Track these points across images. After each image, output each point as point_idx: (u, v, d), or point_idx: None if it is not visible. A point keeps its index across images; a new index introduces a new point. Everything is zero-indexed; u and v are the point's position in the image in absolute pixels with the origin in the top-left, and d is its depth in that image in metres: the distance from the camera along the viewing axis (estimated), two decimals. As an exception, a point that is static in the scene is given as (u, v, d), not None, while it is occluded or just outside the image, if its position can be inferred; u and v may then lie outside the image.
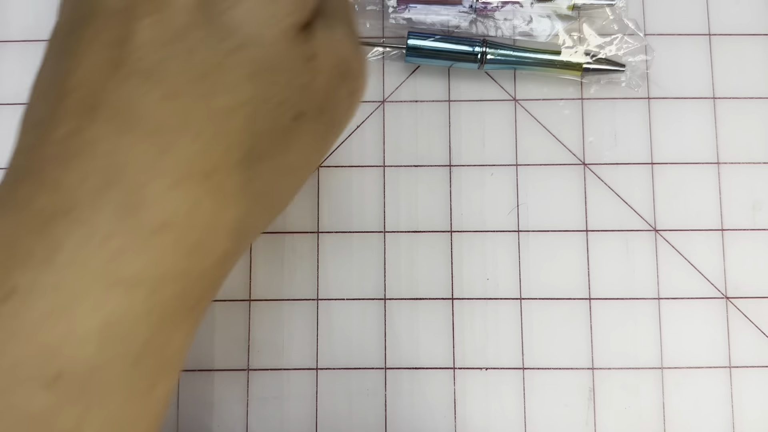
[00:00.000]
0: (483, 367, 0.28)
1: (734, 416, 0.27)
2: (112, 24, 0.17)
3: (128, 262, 0.16)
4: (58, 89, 0.17)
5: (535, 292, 0.28)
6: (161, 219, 0.16)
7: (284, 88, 0.17)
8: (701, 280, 0.28)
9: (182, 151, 0.17)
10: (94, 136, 0.17)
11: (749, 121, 0.29)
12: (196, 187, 0.17)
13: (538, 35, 0.29)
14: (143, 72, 0.17)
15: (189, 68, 0.16)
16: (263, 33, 0.17)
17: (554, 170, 0.29)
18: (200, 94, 0.17)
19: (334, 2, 0.19)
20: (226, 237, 0.18)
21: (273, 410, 0.28)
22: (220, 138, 0.17)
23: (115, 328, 0.16)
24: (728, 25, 0.30)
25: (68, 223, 0.16)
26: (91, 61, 0.17)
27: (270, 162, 0.18)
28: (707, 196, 0.29)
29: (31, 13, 0.30)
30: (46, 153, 0.17)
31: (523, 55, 0.28)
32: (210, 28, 0.17)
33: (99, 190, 0.16)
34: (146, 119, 0.16)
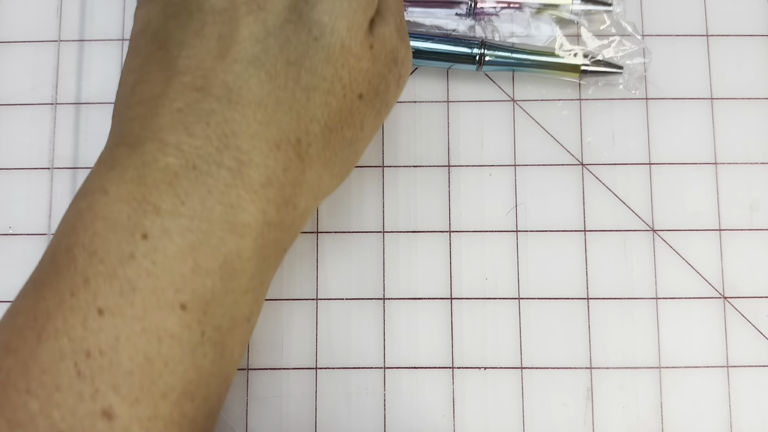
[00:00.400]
0: (482, 367, 0.28)
1: (732, 415, 0.27)
2: (217, 20, 0.20)
3: (241, 211, 0.20)
4: (167, 71, 0.21)
5: (534, 292, 0.28)
6: (265, 176, 0.20)
7: (352, 70, 0.21)
8: (699, 280, 0.28)
9: (278, 122, 0.20)
10: (209, 109, 0.20)
11: (747, 121, 0.29)
12: (290, 152, 0.21)
13: (537, 39, 0.29)
14: (246, 60, 0.20)
15: (282, 56, 0.20)
16: (339, 24, 0.21)
17: (552, 170, 0.29)
18: (291, 76, 0.20)
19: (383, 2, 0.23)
20: (309, 193, 0.22)
21: (272, 409, 0.28)
22: (306, 112, 0.21)
23: (231, 266, 0.20)
24: (726, 25, 0.30)
25: (193, 178, 0.20)
26: (198, 50, 0.20)
27: (338, 133, 0.22)
28: (705, 197, 0.29)
29: (31, 13, 0.30)
30: (164, 121, 0.20)
31: (521, 57, 0.28)
32: (299, 23, 0.20)
33: (217, 151, 0.20)
34: (250, 96, 0.20)
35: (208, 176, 0.20)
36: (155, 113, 0.20)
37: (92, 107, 0.30)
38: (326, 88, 0.21)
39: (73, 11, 0.30)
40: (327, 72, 0.21)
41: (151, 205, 0.19)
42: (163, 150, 0.20)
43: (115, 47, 0.30)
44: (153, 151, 0.20)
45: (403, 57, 0.23)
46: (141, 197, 0.20)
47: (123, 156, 0.20)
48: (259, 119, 0.20)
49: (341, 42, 0.21)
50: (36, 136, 0.29)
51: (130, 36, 0.24)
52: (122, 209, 0.20)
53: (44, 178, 0.29)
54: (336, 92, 0.21)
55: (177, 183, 0.20)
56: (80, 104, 0.30)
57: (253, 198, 0.20)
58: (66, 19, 0.30)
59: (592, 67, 0.28)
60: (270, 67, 0.20)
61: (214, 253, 0.20)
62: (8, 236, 0.29)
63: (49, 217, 0.29)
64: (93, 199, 0.20)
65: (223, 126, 0.20)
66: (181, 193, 0.20)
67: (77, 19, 0.30)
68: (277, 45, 0.20)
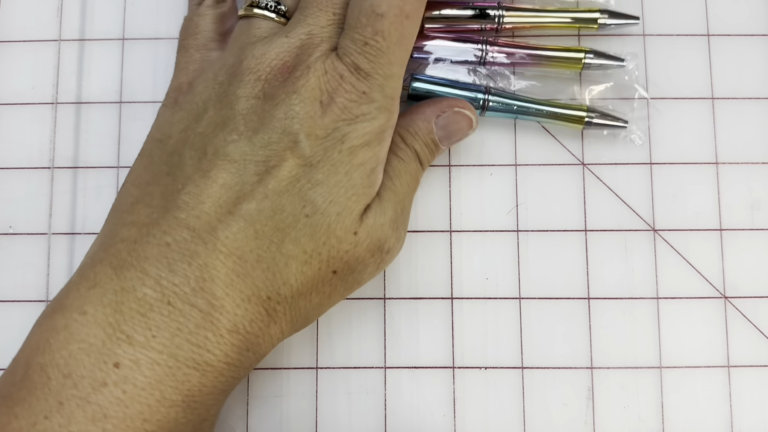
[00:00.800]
0: (482, 366, 0.28)
1: (732, 415, 0.27)
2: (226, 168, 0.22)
3: (206, 352, 0.21)
4: (167, 202, 0.22)
5: (535, 292, 0.28)
6: (232, 323, 0.21)
7: (331, 249, 0.22)
8: (700, 280, 0.28)
9: (254, 278, 0.22)
10: (193, 250, 0.21)
11: (748, 121, 0.29)
12: (259, 306, 0.22)
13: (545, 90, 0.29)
14: (240, 214, 0.22)
15: (273, 220, 0.22)
16: (331, 209, 0.22)
17: (553, 170, 0.29)
18: (275, 240, 0.22)
19: (391, 192, 0.24)
20: (269, 342, 0.23)
21: (273, 409, 0.28)
22: (281, 275, 0.22)
23: (192, 399, 0.21)
24: (727, 25, 0.30)
25: (166, 314, 0.21)
26: (200, 191, 0.22)
27: (307, 298, 0.23)
28: (706, 196, 0.29)
29: (31, 13, 0.30)
30: (150, 252, 0.21)
31: (524, 105, 0.28)
32: (296, 197, 0.22)
33: (192, 292, 0.21)
34: (234, 248, 0.21)
35: (180, 314, 0.21)
36: (145, 241, 0.22)
37: (92, 107, 0.30)
38: (304, 259, 0.22)
39: (74, 11, 0.30)
40: (308, 246, 0.22)
41: (125, 335, 0.20)
42: (143, 280, 0.21)
43: (115, 47, 0.30)
44: (133, 279, 0.21)
45: (390, 247, 0.24)
46: (116, 324, 0.21)
47: (105, 277, 0.21)
48: (237, 271, 0.21)
49: (328, 224, 0.22)
50: (36, 136, 0.29)
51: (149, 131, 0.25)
52: (98, 334, 0.20)
53: (44, 177, 0.29)
54: (312, 264, 0.22)
55: (151, 316, 0.21)
56: (80, 104, 0.30)
57: (219, 341, 0.21)
58: (66, 18, 0.30)
59: (596, 119, 0.28)
60: (259, 227, 0.22)
61: (179, 387, 0.21)
62: (8, 236, 0.29)
63: (49, 216, 0.29)
64: (71, 318, 0.21)
65: (203, 270, 0.21)
66: (153, 327, 0.21)
67: (78, 19, 0.30)
68: (271, 209, 0.22)
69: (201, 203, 0.22)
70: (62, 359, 0.20)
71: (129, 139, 0.29)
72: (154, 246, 0.21)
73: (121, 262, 0.21)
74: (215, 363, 0.21)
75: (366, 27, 0.22)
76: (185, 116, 0.23)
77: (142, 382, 0.20)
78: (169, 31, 0.30)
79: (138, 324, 0.20)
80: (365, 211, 0.23)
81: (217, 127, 0.22)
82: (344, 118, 0.22)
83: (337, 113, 0.22)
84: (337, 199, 0.22)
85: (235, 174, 0.22)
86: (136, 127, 0.29)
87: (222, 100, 0.23)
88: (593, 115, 0.28)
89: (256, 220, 0.22)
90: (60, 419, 0.19)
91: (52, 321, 0.21)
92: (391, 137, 0.24)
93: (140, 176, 0.23)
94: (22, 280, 0.29)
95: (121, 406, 0.20)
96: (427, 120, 0.26)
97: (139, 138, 0.29)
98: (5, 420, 0.20)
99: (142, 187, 0.23)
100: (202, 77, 0.24)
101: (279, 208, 0.22)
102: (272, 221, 0.22)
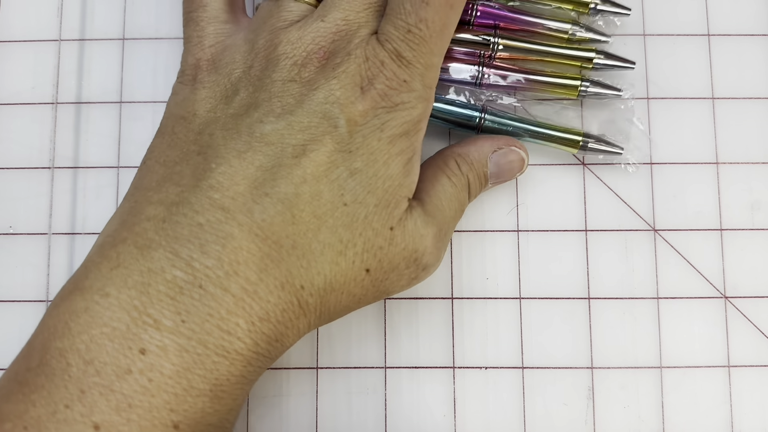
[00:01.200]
0: (483, 366, 0.28)
1: (733, 415, 0.27)
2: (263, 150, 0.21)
3: (237, 340, 0.20)
4: (199, 181, 0.21)
5: (535, 292, 0.28)
6: (264, 311, 0.21)
7: (366, 242, 0.22)
8: (700, 280, 0.28)
9: (289, 265, 0.21)
10: (228, 232, 0.20)
11: (748, 121, 0.29)
12: (291, 295, 0.21)
13: (542, 113, 0.29)
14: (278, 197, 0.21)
15: (311, 206, 0.21)
16: (369, 199, 0.22)
17: (553, 170, 0.29)
18: (312, 227, 0.21)
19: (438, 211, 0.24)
20: (296, 334, 0.22)
21: (273, 409, 0.28)
22: (316, 264, 0.21)
23: (220, 388, 0.20)
24: (727, 25, 0.30)
25: (197, 298, 0.20)
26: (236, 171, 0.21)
27: (337, 296, 0.22)
28: (706, 196, 0.29)
29: (31, 13, 0.30)
30: (181, 232, 0.20)
31: (520, 126, 0.28)
32: (334, 183, 0.21)
33: (226, 276, 0.20)
34: (270, 232, 0.21)
35: (212, 298, 0.20)
36: (174, 221, 0.21)
37: (93, 107, 0.30)
38: (340, 249, 0.21)
39: (74, 10, 0.30)
40: (344, 236, 0.21)
41: (152, 319, 0.19)
42: (173, 261, 0.20)
43: (115, 46, 0.30)
44: (162, 259, 0.20)
45: (427, 263, 0.24)
46: (142, 308, 0.19)
47: (129, 257, 0.20)
48: (272, 256, 0.21)
49: (365, 214, 0.22)
50: (36, 136, 0.29)
51: (167, 108, 0.24)
52: (122, 318, 0.19)
53: (44, 177, 0.29)
54: (347, 256, 0.22)
55: (180, 299, 0.20)
56: (81, 104, 0.30)
57: (250, 329, 0.20)
58: (66, 18, 0.30)
59: (592, 143, 0.28)
60: (297, 213, 0.21)
61: (207, 375, 0.20)
62: (8, 236, 0.29)
63: (49, 216, 0.29)
64: (91, 300, 0.19)
65: (237, 253, 0.20)
66: (182, 311, 0.20)
67: (78, 19, 0.30)
68: (309, 194, 0.21)
69: (236, 184, 0.21)
70: (83, 344, 0.19)
71: (129, 139, 0.29)
72: (185, 226, 0.20)
73: (147, 242, 0.20)
74: (245, 351, 0.20)
75: (410, 14, 0.22)
76: (210, 95, 0.23)
77: (170, 369, 0.19)
78: (169, 31, 0.30)
79: (166, 307, 0.19)
80: (406, 213, 0.23)
81: (251, 108, 0.22)
82: (384, 105, 0.22)
83: (377, 100, 0.22)
84: (375, 189, 0.22)
85: (272, 156, 0.21)
86: (136, 127, 0.29)
87: (255, 83, 0.22)
88: (589, 140, 0.28)
89: (294, 205, 0.21)
90: (82, 408, 0.18)
91: (70, 303, 0.20)
92: (425, 127, 0.24)
93: (165, 154, 0.22)
94: (22, 280, 0.29)
95: (146, 395, 0.19)
96: (483, 153, 0.26)
97: (140, 138, 0.29)
98: (22, 408, 0.19)
99: (169, 165, 0.22)
100: (226, 57, 0.23)
101: (317, 193, 0.21)
102: (310, 206, 0.21)
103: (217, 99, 0.23)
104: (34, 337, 0.20)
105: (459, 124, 0.27)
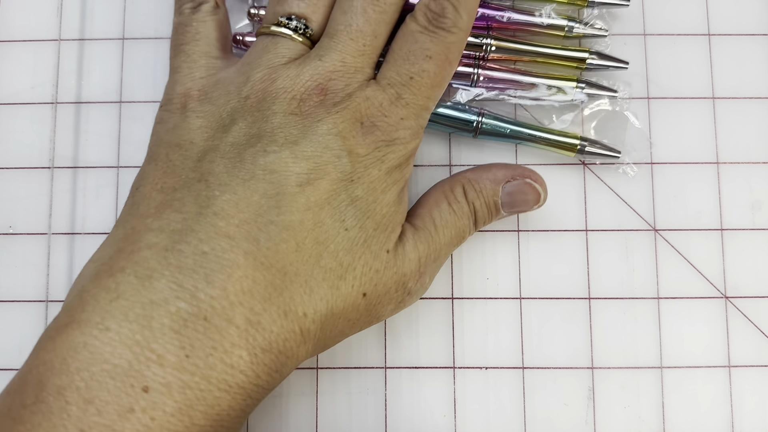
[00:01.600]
0: (483, 367, 0.28)
1: (733, 415, 0.27)
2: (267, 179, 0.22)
3: (239, 373, 0.20)
4: (202, 209, 0.21)
5: (535, 292, 0.28)
6: (267, 342, 0.20)
7: (365, 265, 0.22)
8: (700, 280, 0.28)
9: (292, 292, 0.21)
10: (233, 260, 0.20)
11: (748, 121, 0.29)
12: (294, 323, 0.21)
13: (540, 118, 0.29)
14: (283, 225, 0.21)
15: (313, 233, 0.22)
16: (368, 224, 0.23)
17: (554, 170, 0.29)
18: (314, 253, 0.21)
19: (428, 235, 0.24)
20: (295, 364, 0.22)
21: (273, 409, 0.28)
22: (318, 289, 0.21)
23: (220, 423, 0.20)
24: (727, 25, 0.30)
25: (202, 330, 0.19)
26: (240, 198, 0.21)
27: (335, 322, 0.22)
28: (706, 196, 0.29)
29: (31, 13, 0.30)
30: (185, 262, 0.20)
31: (517, 129, 0.28)
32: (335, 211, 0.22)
33: (231, 306, 0.20)
34: (274, 260, 0.21)
35: (216, 331, 0.19)
36: (178, 250, 0.20)
37: (92, 106, 0.30)
38: (340, 273, 0.22)
39: (74, 10, 0.30)
40: (345, 260, 0.22)
41: (155, 354, 0.19)
42: (177, 293, 0.20)
43: (115, 46, 0.30)
44: (165, 290, 0.20)
45: (411, 288, 0.24)
46: (145, 342, 0.19)
47: (129, 288, 0.20)
48: (275, 284, 0.21)
49: (365, 238, 0.22)
50: (36, 136, 0.29)
51: (155, 135, 0.24)
52: (123, 354, 0.19)
53: (44, 177, 0.29)
54: (347, 280, 0.22)
55: (184, 333, 0.19)
56: (80, 103, 0.30)
57: (252, 361, 0.20)
58: (66, 18, 0.30)
59: (590, 147, 0.28)
60: (300, 240, 0.21)
61: (208, 411, 0.19)
62: (8, 236, 0.29)
63: (49, 216, 0.29)
64: (90, 334, 0.19)
65: (242, 282, 0.20)
66: (186, 345, 0.19)
67: (77, 18, 0.30)
68: (313, 222, 0.22)
69: (240, 212, 0.21)
70: (83, 382, 0.18)
71: (129, 139, 0.29)
72: (189, 255, 0.20)
73: (149, 272, 0.20)
74: (246, 384, 0.20)
75: (414, 64, 0.23)
76: (205, 124, 0.23)
77: (172, 407, 0.19)
78: (169, 31, 0.30)
79: (170, 342, 0.19)
80: (400, 238, 0.24)
81: (253, 137, 0.22)
82: (383, 139, 0.23)
83: (377, 135, 0.23)
84: (374, 215, 0.23)
85: (276, 184, 0.21)
86: (136, 127, 0.29)
87: (254, 114, 0.23)
88: (586, 143, 0.28)
89: (298, 232, 0.21)
90: None
91: (67, 337, 0.19)
92: (414, 160, 0.25)
93: (161, 180, 0.22)
94: (22, 280, 0.29)
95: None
96: (495, 182, 0.26)
97: (140, 138, 0.29)
98: None
99: (167, 192, 0.22)
100: (219, 89, 0.24)
101: (320, 221, 0.22)
102: (312, 234, 0.21)
103: (213, 128, 0.23)
104: (27, 370, 0.19)
105: (457, 127, 0.27)
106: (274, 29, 0.24)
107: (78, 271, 0.28)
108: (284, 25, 0.24)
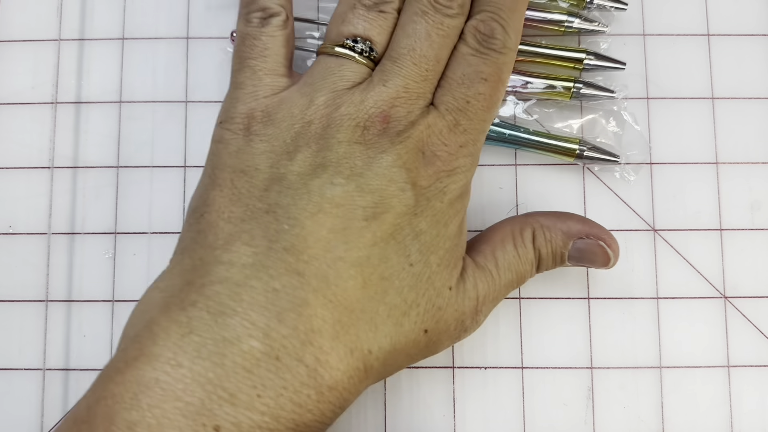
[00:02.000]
0: (482, 366, 0.28)
1: (732, 415, 0.27)
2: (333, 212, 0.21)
3: (307, 412, 0.20)
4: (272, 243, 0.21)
5: (534, 292, 0.28)
6: (333, 380, 0.20)
7: (428, 302, 0.22)
8: (700, 280, 0.28)
9: (358, 330, 0.21)
10: (303, 298, 0.20)
11: (748, 121, 0.29)
12: (359, 361, 0.21)
13: (538, 122, 0.29)
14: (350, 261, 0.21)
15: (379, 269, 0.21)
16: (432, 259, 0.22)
17: (553, 170, 0.29)
18: (380, 290, 0.21)
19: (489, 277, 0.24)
20: (353, 400, 0.22)
21: (273, 409, 0.28)
22: (383, 326, 0.21)
23: None
24: (727, 25, 0.30)
25: (273, 370, 0.19)
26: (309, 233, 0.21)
27: (397, 358, 0.22)
28: (706, 196, 0.29)
29: (31, 12, 0.30)
30: (257, 299, 0.20)
31: (517, 135, 0.28)
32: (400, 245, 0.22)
33: (301, 345, 0.20)
34: (343, 298, 0.21)
35: (287, 371, 0.19)
36: (250, 286, 0.20)
37: (92, 106, 0.30)
38: (404, 310, 0.22)
39: (74, 10, 0.30)
40: (409, 296, 0.22)
41: (227, 393, 0.19)
42: (249, 331, 0.19)
43: (115, 46, 0.30)
44: (238, 328, 0.19)
45: (467, 326, 0.24)
46: (217, 381, 0.19)
47: (202, 323, 0.19)
48: (343, 322, 0.20)
49: (428, 275, 0.22)
50: (36, 135, 0.29)
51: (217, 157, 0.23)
52: (195, 392, 0.18)
53: (44, 177, 0.29)
54: (410, 316, 0.22)
55: (257, 372, 0.19)
56: (80, 103, 0.30)
57: (319, 400, 0.20)
58: (66, 18, 0.30)
59: (589, 152, 0.28)
60: (367, 276, 0.21)
61: None
62: (8, 236, 0.29)
63: (49, 216, 0.29)
64: (162, 369, 0.19)
65: (312, 320, 0.20)
66: (258, 385, 0.19)
67: (77, 18, 0.30)
68: (378, 257, 0.21)
69: (309, 247, 0.21)
70: (154, 419, 0.18)
71: (129, 139, 0.29)
72: (261, 292, 0.20)
73: (221, 307, 0.20)
74: (312, 423, 0.20)
75: (470, 87, 0.23)
76: (269, 149, 0.22)
77: None
78: (169, 31, 0.30)
79: (242, 381, 0.19)
80: (461, 274, 0.23)
81: (318, 168, 0.22)
82: (444, 169, 0.23)
83: (438, 165, 0.23)
84: (437, 249, 0.22)
85: (342, 218, 0.21)
86: (136, 127, 0.29)
87: (318, 142, 0.22)
88: (585, 148, 0.28)
89: (365, 268, 0.21)
90: None
91: (137, 371, 0.19)
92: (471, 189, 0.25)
93: (228, 209, 0.22)
94: (22, 280, 0.29)
95: None
96: (568, 235, 0.25)
97: (139, 138, 0.29)
98: None
99: (234, 222, 0.21)
100: (283, 110, 0.23)
101: (385, 256, 0.21)
102: (378, 270, 0.21)
103: (278, 154, 0.22)
104: (95, 401, 0.19)
105: None
106: (338, 50, 0.24)
107: (78, 270, 0.28)
108: (349, 47, 0.24)
